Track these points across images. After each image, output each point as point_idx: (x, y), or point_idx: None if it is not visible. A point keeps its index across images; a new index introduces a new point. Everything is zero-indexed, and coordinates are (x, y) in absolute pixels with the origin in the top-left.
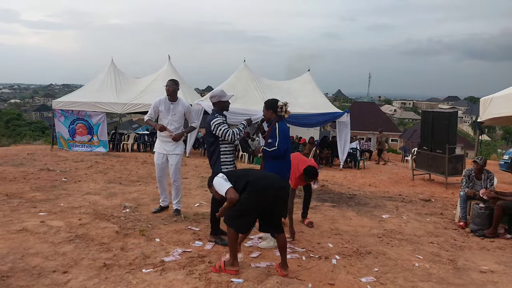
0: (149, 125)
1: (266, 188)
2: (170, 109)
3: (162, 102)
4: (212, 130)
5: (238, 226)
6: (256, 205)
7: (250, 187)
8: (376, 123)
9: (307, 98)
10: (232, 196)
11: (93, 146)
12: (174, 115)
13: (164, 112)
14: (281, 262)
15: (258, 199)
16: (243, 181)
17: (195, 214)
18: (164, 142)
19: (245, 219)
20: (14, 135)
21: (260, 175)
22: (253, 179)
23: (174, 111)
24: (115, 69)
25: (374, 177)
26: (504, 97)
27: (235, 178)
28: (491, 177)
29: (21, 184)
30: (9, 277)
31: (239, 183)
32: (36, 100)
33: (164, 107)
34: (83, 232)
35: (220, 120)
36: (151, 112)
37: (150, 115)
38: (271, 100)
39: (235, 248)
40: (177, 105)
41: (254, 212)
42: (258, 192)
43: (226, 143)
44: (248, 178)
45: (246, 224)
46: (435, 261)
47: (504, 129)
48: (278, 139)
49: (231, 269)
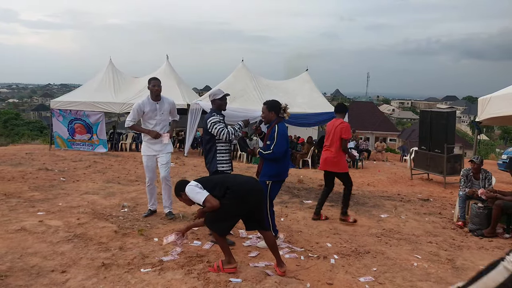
0: (135, 131)
1: (248, 192)
2: (157, 109)
3: (146, 104)
4: (208, 128)
5: (221, 230)
6: (239, 209)
7: (232, 193)
8: (375, 123)
9: (305, 98)
10: (213, 204)
11: (94, 144)
12: (162, 114)
13: (151, 113)
14: (276, 261)
15: (241, 203)
16: (222, 187)
17: (193, 213)
18: (152, 144)
19: (227, 223)
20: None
21: (240, 180)
22: (234, 185)
23: (161, 110)
24: (113, 69)
25: (373, 177)
26: (502, 96)
27: (211, 185)
28: (489, 176)
29: (20, 183)
30: (7, 277)
31: (217, 190)
32: (34, 100)
33: (150, 108)
34: (82, 231)
35: (217, 119)
36: (135, 117)
37: (133, 120)
38: (274, 101)
39: (226, 246)
40: (162, 104)
41: (237, 217)
42: (242, 197)
43: (222, 142)
44: (228, 184)
45: (229, 227)
46: (433, 261)
47: (502, 129)
48: (275, 142)
49: (229, 267)
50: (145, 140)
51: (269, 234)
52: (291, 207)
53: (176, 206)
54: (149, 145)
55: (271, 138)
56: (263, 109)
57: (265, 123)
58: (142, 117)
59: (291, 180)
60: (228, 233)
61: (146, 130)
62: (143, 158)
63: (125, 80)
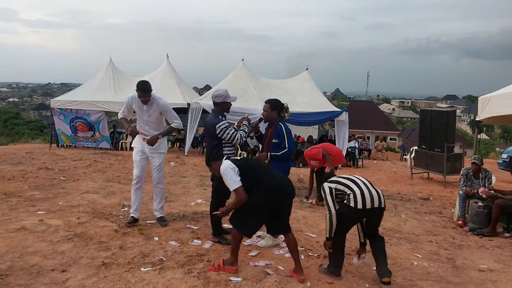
0: (122, 124)
1: (280, 189)
2: (144, 110)
3: (135, 101)
4: (218, 134)
5: (245, 228)
6: (268, 206)
7: (263, 186)
8: (375, 122)
9: (305, 97)
10: (242, 197)
11: (97, 141)
12: (150, 116)
13: (139, 112)
14: (295, 266)
15: (271, 200)
16: (253, 178)
17: (193, 212)
18: (145, 141)
19: (253, 220)
20: (12, 134)
21: (272, 174)
22: (269, 179)
23: (149, 112)
24: (114, 68)
25: (373, 176)
26: (502, 96)
27: (244, 171)
28: (489, 175)
29: (20, 182)
30: (8, 276)
31: (247, 179)
32: (34, 99)
33: (138, 106)
34: (82, 230)
35: (226, 124)
36: (125, 110)
37: (123, 113)
38: (276, 100)
39: (237, 249)
40: (151, 106)
41: (264, 216)
42: (272, 192)
43: (228, 146)
44: (263, 177)
45: (254, 226)
46: (433, 260)
47: (502, 128)
48: (287, 140)
49: (230, 268)
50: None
51: (292, 236)
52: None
53: (176, 206)
54: (141, 140)
55: (278, 137)
56: (266, 108)
57: (265, 121)
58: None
59: (291, 179)
60: (253, 234)
61: (126, 125)
62: (133, 151)
63: (125, 80)
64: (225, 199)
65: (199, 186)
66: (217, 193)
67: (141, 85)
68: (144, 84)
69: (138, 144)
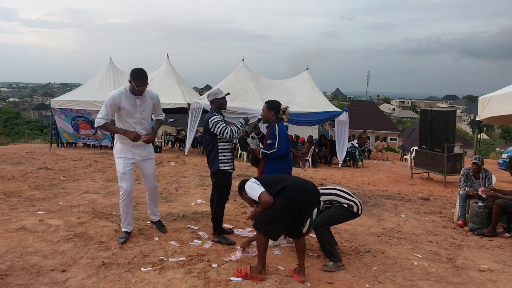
0: (107, 131)
1: (305, 193)
2: (137, 105)
3: (123, 97)
4: (210, 128)
5: (270, 233)
6: (293, 211)
7: (289, 191)
8: (375, 122)
9: (305, 97)
10: (267, 199)
11: (99, 139)
12: (143, 112)
13: (130, 109)
14: (299, 267)
15: (296, 204)
16: (278, 186)
17: (194, 212)
18: (134, 147)
19: (279, 225)
20: (12, 134)
21: (296, 180)
22: (290, 184)
23: (142, 106)
24: (114, 68)
25: (373, 176)
26: (502, 96)
27: (267, 183)
28: (489, 175)
29: (20, 182)
30: (8, 276)
31: (272, 188)
32: (34, 99)
33: (129, 103)
34: (82, 230)
35: (218, 118)
36: (108, 113)
37: (106, 118)
38: (274, 101)
39: (264, 254)
40: (144, 99)
41: (289, 218)
42: (298, 197)
43: (224, 141)
44: (284, 183)
45: (279, 230)
46: (434, 260)
47: (502, 128)
48: (278, 140)
49: (258, 276)
50: (122, 142)
51: (303, 239)
52: None
53: (176, 206)
54: (129, 147)
55: (272, 137)
56: (263, 108)
57: (264, 122)
58: (118, 112)
59: None
60: (277, 238)
61: (122, 131)
62: (117, 161)
63: (125, 79)
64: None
65: (199, 186)
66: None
67: (140, 73)
68: (143, 71)
69: (125, 153)
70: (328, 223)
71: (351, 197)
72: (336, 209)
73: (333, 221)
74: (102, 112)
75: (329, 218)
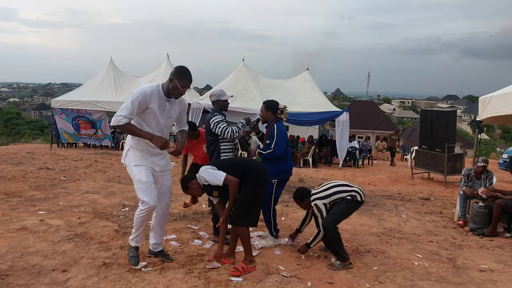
0: (130, 133)
1: (265, 175)
2: (166, 109)
3: (154, 96)
4: (212, 128)
5: (252, 221)
6: (262, 194)
7: (255, 176)
8: (375, 122)
9: (306, 97)
10: (233, 181)
11: (100, 139)
12: (169, 118)
13: (157, 113)
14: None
15: (264, 185)
16: (238, 169)
17: (194, 212)
18: (154, 155)
19: (256, 210)
20: (13, 134)
21: (252, 161)
22: (254, 168)
23: (170, 112)
24: (114, 68)
25: (374, 176)
26: (503, 96)
27: (224, 167)
28: (491, 176)
29: (20, 182)
30: (8, 276)
31: (232, 171)
32: (35, 99)
33: (158, 105)
34: (83, 230)
35: (220, 118)
36: (133, 111)
37: (130, 116)
38: (272, 101)
39: (250, 243)
40: (173, 104)
41: (260, 201)
42: (264, 181)
43: (225, 142)
44: (244, 167)
45: (258, 214)
46: (434, 260)
47: (503, 128)
48: (275, 141)
49: (252, 266)
50: (138, 148)
51: None
52: (291, 206)
53: (176, 205)
54: (146, 155)
55: (270, 137)
56: (261, 108)
57: (262, 122)
58: (142, 113)
59: (292, 179)
60: (257, 222)
61: (149, 135)
62: (136, 170)
63: (126, 79)
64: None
65: None
66: None
67: (187, 72)
68: (189, 70)
69: (144, 161)
70: (338, 220)
71: (350, 187)
72: (341, 204)
73: (342, 217)
74: (124, 109)
75: (338, 216)
